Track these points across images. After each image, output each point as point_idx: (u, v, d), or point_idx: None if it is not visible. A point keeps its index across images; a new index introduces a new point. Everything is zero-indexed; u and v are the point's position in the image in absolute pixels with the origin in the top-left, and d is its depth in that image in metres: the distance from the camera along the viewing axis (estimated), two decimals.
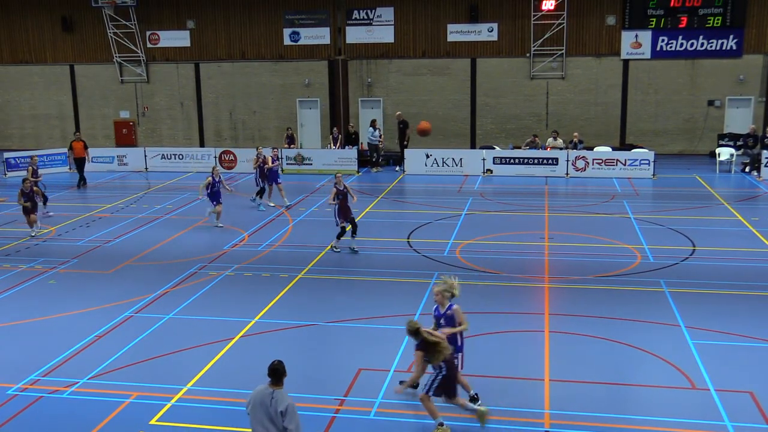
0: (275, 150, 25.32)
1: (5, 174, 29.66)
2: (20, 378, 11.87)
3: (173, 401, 11.07)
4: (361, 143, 31.10)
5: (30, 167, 23.07)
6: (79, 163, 28.13)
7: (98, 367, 12.24)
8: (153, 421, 10.50)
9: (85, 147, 28.55)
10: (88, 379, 11.81)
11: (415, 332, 10.02)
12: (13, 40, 36.15)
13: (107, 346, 13.14)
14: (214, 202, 21.00)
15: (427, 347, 10.03)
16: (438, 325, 11.01)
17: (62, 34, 35.60)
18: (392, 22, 32.78)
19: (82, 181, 27.79)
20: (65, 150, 31.73)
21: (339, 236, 18.50)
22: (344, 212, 18.35)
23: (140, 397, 11.20)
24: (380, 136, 30.11)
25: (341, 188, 18.25)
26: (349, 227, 18.57)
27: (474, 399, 10.68)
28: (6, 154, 30.60)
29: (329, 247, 18.58)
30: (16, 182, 27.05)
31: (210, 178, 21.03)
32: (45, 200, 22.62)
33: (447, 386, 10.15)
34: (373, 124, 30.24)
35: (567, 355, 12.48)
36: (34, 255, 18.64)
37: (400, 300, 15.19)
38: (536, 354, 12.52)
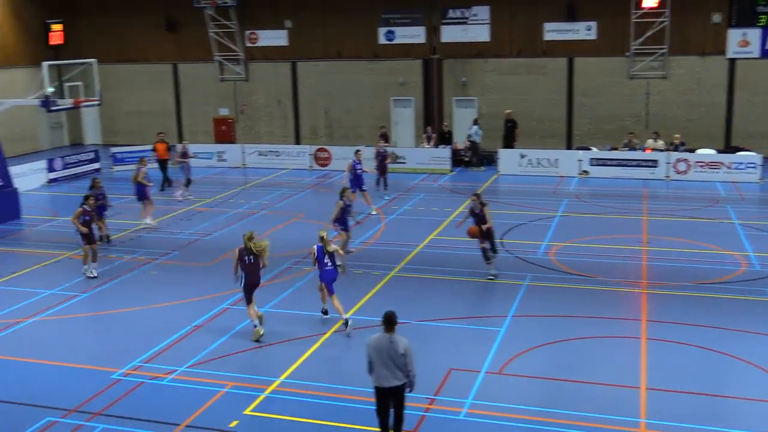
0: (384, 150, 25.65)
1: (111, 168, 30.89)
2: (123, 363, 12.38)
3: (267, 392, 11.32)
4: (455, 142, 30.99)
5: (140, 166, 23.74)
6: (162, 165, 27.34)
7: (196, 356, 12.63)
8: (247, 411, 10.76)
9: (168, 148, 27.73)
10: (186, 368, 12.20)
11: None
12: (120, 40, 37.62)
13: (205, 336, 13.54)
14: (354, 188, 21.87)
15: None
16: None
17: (166, 34, 36.81)
18: (488, 21, 32.52)
19: (166, 182, 27.18)
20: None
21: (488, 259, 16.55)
22: (481, 233, 16.50)
23: (235, 387, 11.50)
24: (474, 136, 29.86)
25: (477, 211, 16.61)
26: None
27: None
28: (113, 149, 31.88)
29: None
30: (124, 176, 28.21)
31: (350, 163, 22.62)
32: (188, 182, 25.12)
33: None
34: (476, 122, 30.07)
35: (665, 363, 12.11)
36: (137, 246, 19.36)
37: (491, 301, 15.08)
38: (632, 361, 12.19)
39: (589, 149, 29.31)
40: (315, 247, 13.85)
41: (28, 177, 27.45)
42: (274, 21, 35.24)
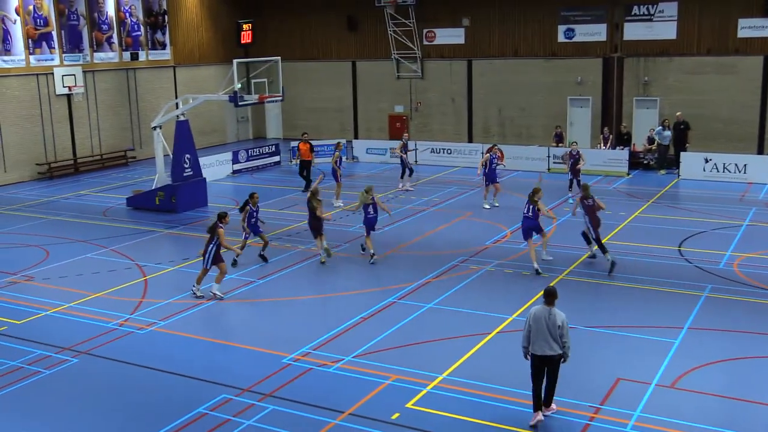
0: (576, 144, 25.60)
1: (291, 161, 32.24)
2: (294, 349, 12.90)
3: (429, 388, 11.40)
4: (633, 144, 29.78)
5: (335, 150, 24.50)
6: (305, 166, 26.32)
7: (362, 347, 12.93)
8: (409, 405, 10.89)
9: (312, 149, 27.17)
10: (352, 357, 12.53)
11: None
12: (304, 39, 39.25)
13: (371, 328, 13.84)
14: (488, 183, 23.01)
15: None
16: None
17: (347, 32, 37.96)
18: (675, 18, 30.94)
19: (308, 186, 25.66)
20: (344, 140, 33.82)
21: (602, 249, 16.99)
22: (594, 221, 17.07)
23: (398, 380, 11.67)
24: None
25: (589, 203, 17.08)
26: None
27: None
28: (293, 143, 33.26)
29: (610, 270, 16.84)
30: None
31: (487, 156, 23.15)
32: (411, 172, 26.15)
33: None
34: (663, 123, 28.74)
35: None
36: (311, 237, 20.07)
37: (666, 311, 14.36)
38: None
39: None
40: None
41: (216, 168, 29.24)
42: (451, 19, 35.40)
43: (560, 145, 30.42)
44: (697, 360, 12.12)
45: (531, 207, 16.91)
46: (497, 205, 23.23)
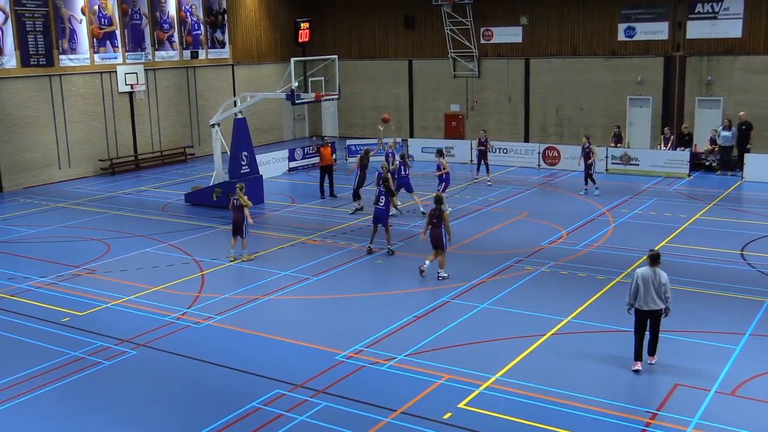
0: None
1: (346, 160, 32.37)
2: (347, 346, 12.96)
3: (482, 388, 11.33)
4: (695, 145, 29.12)
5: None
6: (326, 172, 25.19)
7: (415, 345, 12.92)
8: (461, 405, 10.84)
9: (333, 151, 26.12)
10: (405, 356, 12.53)
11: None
12: (361, 37, 39.41)
13: (425, 327, 13.82)
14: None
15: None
16: None
17: (404, 31, 37.97)
18: (741, 15, 30.13)
19: (330, 191, 25.19)
20: (399, 139, 33.82)
21: None
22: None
23: (451, 380, 11.62)
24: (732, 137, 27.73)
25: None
26: None
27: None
28: (348, 141, 33.42)
29: None
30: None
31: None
32: (487, 169, 26.85)
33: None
34: (725, 123, 28.03)
35: None
36: (365, 235, 20.11)
37: (727, 316, 14.00)
38: None
39: None
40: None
41: (272, 165, 29.55)
42: (508, 18, 35.11)
43: (619, 145, 29.92)
44: (759, 367, 11.79)
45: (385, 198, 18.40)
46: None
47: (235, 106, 25.65)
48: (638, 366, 11.78)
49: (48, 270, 17.74)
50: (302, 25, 39.24)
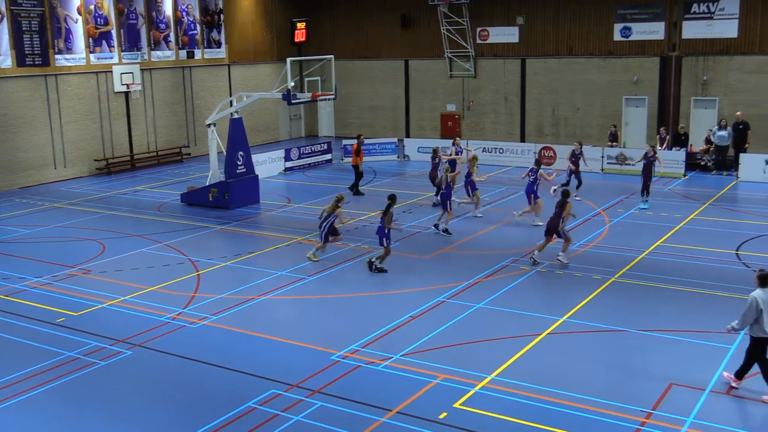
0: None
1: (342, 160, 32.38)
2: (343, 346, 12.95)
3: (477, 388, 11.33)
4: (691, 145, 29.16)
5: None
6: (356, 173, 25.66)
7: (411, 345, 12.93)
8: (457, 405, 10.85)
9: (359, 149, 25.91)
10: (401, 356, 12.53)
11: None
12: (357, 37, 39.39)
13: (420, 326, 13.82)
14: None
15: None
16: None
17: (400, 31, 37.96)
18: (736, 16, 30.18)
19: (355, 188, 25.53)
20: (395, 139, 33.89)
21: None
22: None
23: (447, 379, 11.63)
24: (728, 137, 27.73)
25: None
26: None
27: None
28: (344, 141, 33.41)
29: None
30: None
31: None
32: (579, 184, 23.94)
33: None
34: (720, 123, 28.06)
35: None
36: (361, 235, 20.14)
37: (722, 315, 13.99)
38: None
39: None
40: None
41: (268, 165, 29.53)
42: (505, 18, 35.14)
43: (614, 144, 29.96)
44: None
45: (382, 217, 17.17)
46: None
47: (231, 105, 25.64)
48: (740, 383, 11.08)
49: (43, 270, 17.71)
50: (298, 24, 39.22)
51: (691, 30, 31.02)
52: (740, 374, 11.06)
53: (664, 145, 28.85)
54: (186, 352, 12.93)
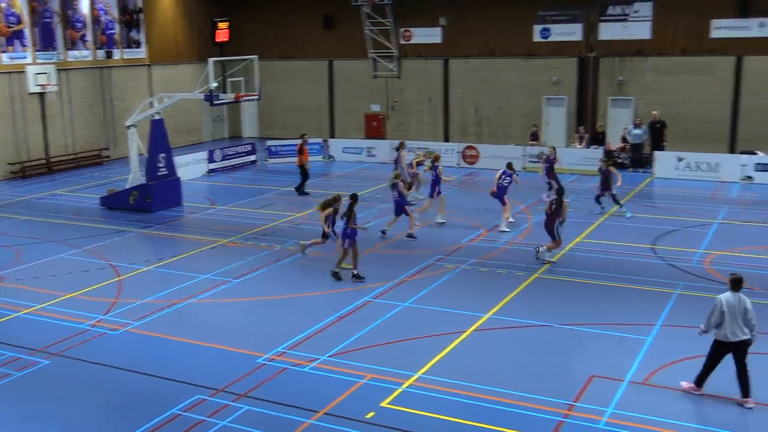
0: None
1: (267, 161, 32.11)
2: (269, 349, 12.84)
3: (404, 387, 11.40)
4: (608, 143, 29.99)
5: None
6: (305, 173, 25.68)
7: (337, 346, 12.91)
8: (384, 404, 10.89)
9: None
10: (328, 357, 12.50)
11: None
12: (280, 38, 39.08)
13: (347, 327, 13.82)
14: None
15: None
16: None
17: (323, 31, 37.85)
18: (650, 18, 31.17)
19: (301, 188, 25.56)
20: (320, 140, 33.78)
21: None
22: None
23: (374, 379, 11.66)
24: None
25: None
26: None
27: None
28: (268, 142, 33.14)
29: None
30: (277, 168, 29.31)
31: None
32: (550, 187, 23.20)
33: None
34: (635, 122, 28.93)
35: None
36: (287, 236, 20.01)
37: (639, 308, 14.48)
38: None
39: (755, 153, 27.56)
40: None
41: (191, 167, 29.05)
42: (428, 19, 35.43)
43: (535, 143, 30.57)
44: (669, 357, 12.23)
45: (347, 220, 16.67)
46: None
47: (151, 107, 25.12)
48: (701, 391, 10.92)
49: None
50: (220, 24, 38.71)
51: (608, 32, 31.89)
52: (700, 381, 10.98)
53: (583, 143, 29.58)
54: (107, 359, 12.60)
